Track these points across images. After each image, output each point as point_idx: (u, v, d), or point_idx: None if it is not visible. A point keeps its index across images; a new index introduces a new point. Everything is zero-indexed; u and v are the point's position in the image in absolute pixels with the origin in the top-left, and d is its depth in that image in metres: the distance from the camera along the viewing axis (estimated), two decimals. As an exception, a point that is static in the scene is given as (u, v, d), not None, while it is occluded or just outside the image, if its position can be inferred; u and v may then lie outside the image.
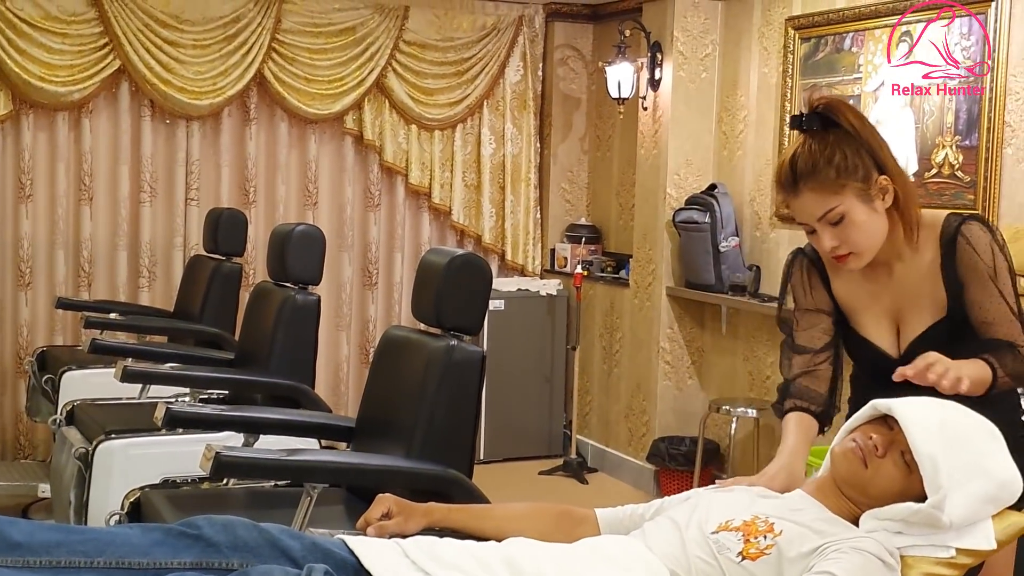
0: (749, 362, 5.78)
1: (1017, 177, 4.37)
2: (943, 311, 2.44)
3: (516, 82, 6.86)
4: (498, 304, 6.57)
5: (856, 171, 2.34)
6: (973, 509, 2.11)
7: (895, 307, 2.50)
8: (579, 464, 6.49)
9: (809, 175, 2.35)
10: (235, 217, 5.51)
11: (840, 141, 2.35)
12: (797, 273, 2.65)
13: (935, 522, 2.09)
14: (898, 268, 2.47)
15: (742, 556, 2.05)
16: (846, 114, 2.38)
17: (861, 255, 2.41)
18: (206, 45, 6.11)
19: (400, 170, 6.64)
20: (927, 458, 2.10)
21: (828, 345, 2.58)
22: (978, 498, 2.12)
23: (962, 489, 2.09)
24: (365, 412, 3.43)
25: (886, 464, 2.16)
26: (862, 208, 2.36)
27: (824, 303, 2.59)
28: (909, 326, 2.48)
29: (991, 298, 2.40)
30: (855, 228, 2.36)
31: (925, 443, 2.11)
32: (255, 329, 4.45)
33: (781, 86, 5.52)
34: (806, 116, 2.40)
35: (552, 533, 2.26)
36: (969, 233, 2.40)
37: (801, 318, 2.61)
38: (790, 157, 2.39)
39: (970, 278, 2.40)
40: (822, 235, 2.39)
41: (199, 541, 1.99)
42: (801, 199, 2.38)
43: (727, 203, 5.72)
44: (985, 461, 2.14)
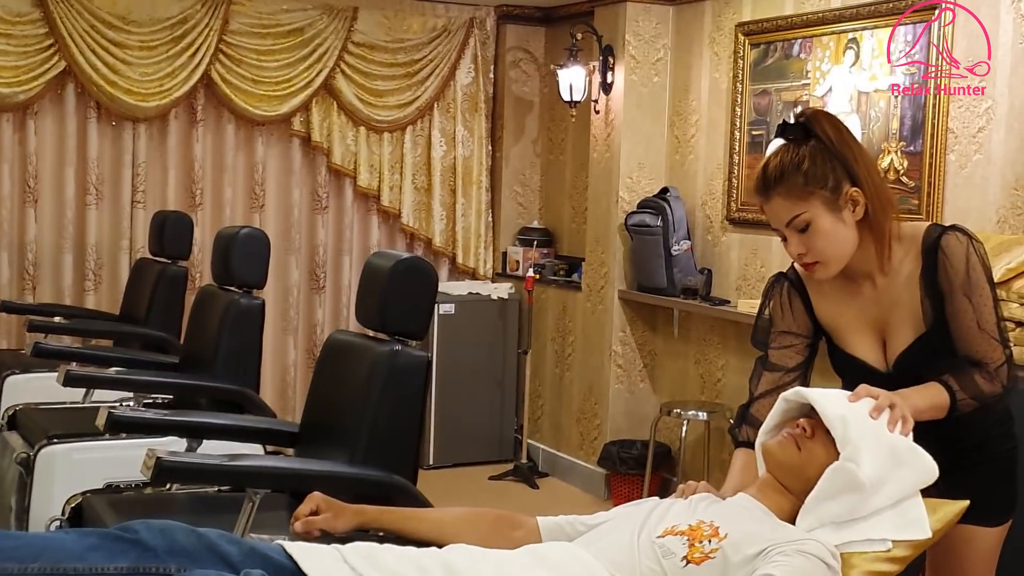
0: (700, 365, 5.79)
1: (960, 183, 4.41)
2: (926, 325, 2.44)
3: (467, 84, 6.84)
4: (449, 308, 6.55)
5: (825, 180, 2.35)
6: (885, 464, 2.17)
7: (880, 321, 2.50)
8: (530, 469, 6.47)
9: (779, 181, 2.37)
10: (181, 220, 5.46)
11: (814, 151, 2.37)
12: (777, 296, 2.65)
13: (853, 479, 2.15)
14: (881, 282, 2.48)
15: (687, 560, 2.06)
16: (823, 124, 2.40)
17: (827, 265, 2.42)
18: (153, 46, 6.06)
19: (349, 172, 6.60)
20: (837, 420, 2.22)
21: (800, 366, 2.59)
22: (888, 452, 2.19)
23: (871, 442, 2.19)
24: (309, 417, 3.40)
25: (816, 445, 2.24)
26: (828, 217, 2.37)
27: (802, 327, 2.60)
28: (895, 340, 2.48)
29: (963, 312, 2.40)
30: (820, 236, 2.37)
31: (833, 407, 2.24)
32: (200, 333, 4.41)
33: (732, 91, 5.55)
34: (788, 126, 2.42)
35: (488, 537, 2.25)
36: (946, 245, 2.40)
37: (777, 338, 2.62)
38: (764, 163, 2.42)
39: (947, 290, 2.40)
40: (790, 241, 2.41)
41: (136, 546, 1.97)
42: (771, 204, 2.41)
43: (679, 207, 5.73)
44: (891, 435, 2.23)
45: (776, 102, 5.29)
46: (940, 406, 2.37)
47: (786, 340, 2.60)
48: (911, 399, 2.32)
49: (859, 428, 2.20)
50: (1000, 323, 2.43)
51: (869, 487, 2.16)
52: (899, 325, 2.47)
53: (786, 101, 5.23)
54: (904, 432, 2.25)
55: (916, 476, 2.22)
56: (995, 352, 2.40)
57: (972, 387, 2.39)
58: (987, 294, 2.39)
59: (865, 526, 2.17)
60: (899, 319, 2.47)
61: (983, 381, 2.40)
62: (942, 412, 2.38)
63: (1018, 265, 3.85)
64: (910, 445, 2.23)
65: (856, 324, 2.53)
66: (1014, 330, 3.79)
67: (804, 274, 2.57)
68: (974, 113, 4.33)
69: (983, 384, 2.40)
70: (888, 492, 2.19)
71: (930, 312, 2.43)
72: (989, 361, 2.40)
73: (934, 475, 2.24)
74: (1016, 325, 3.79)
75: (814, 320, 2.60)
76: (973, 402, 2.40)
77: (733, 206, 5.56)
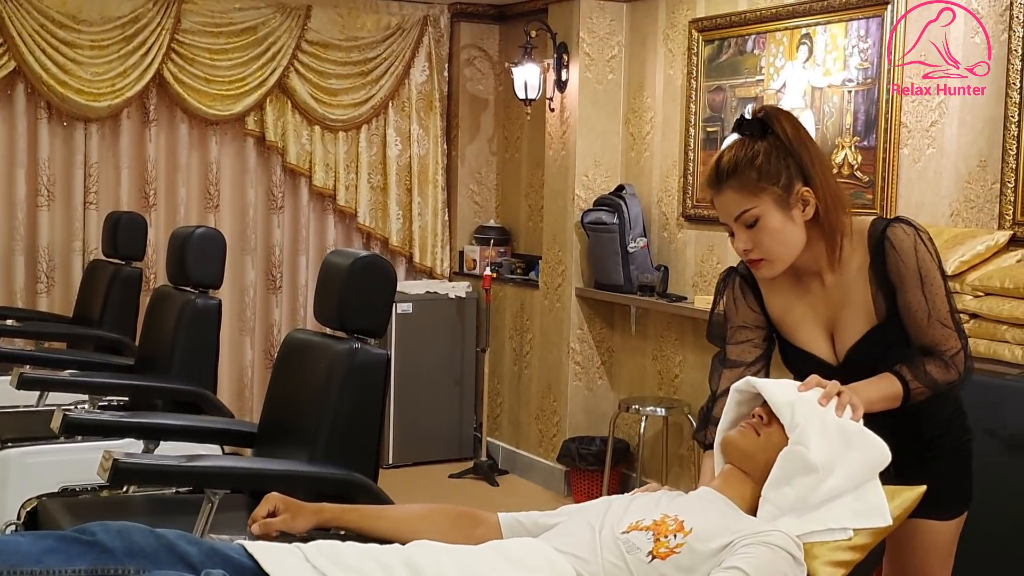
0: (658, 361, 5.81)
1: (913, 177, 4.45)
2: (878, 317, 2.45)
3: (422, 83, 6.82)
4: (406, 307, 6.53)
5: (777, 177, 2.35)
6: (834, 446, 2.20)
7: (829, 317, 2.51)
8: (489, 466, 6.47)
9: (731, 174, 2.37)
10: (135, 220, 5.40)
11: (769, 147, 2.37)
12: (730, 290, 2.65)
13: (803, 461, 2.19)
14: (829, 278, 2.48)
15: (652, 555, 2.05)
16: (781, 121, 2.40)
17: (773, 263, 2.42)
18: (104, 46, 5.99)
19: (304, 172, 6.57)
20: (785, 406, 2.27)
21: (759, 359, 2.60)
22: (837, 435, 2.22)
23: (818, 425, 2.22)
24: (268, 417, 3.37)
25: (774, 431, 2.28)
26: (778, 215, 2.37)
27: (756, 320, 2.60)
28: (844, 334, 2.49)
29: (916, 303, 2.40)
30: (768, 234, 2.37)
31: (782, 395, 2.30)
32: (155, 334, 4.37)
33: (686, 87, 5.57)
34: (745, 120, 2.42)
35: (450, 533, 2.24)
36: (893, 236, 2.41)
37: (733, 334, 2.62)
38: (718, 156, 2.42)
39: (898, 282, 2.41)
40: (738, 236, 2.41)
41: (93, 547, 1.94)
42: (722, 197, 2.40)
43: (635, 204, 5.75)
44: (839, 419, 2.27)
45: (730, 98, 5.32)
46: (893, 396, 2.39)
47: (743, 335, 2.60)
48: (861, 390, 2.34)
49: (805, 412, 2.24)
50: (954, 310, 2.44)
51: (821, 469, 2.18)
52: (849, 319, 2.48)
53: (740, 97, 5.25)
54: (854, 418, 2.27)
55: (867, 457, 2.24)
56: (951, 340, 2.42)
57: (925, 376, 2.40)
58: (939, 283, 2.41)
59: (826, 515, 2.18)
60: (849, 314, 2.48)
61: (937, 369, 2.41)
62: (896, 402, 2.39)
63: (972, 258, 3.89)
64: (859, 428, 2.26)
65: (805, 319, 2.54)
66: (968, 322, 3.83)
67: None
68: (927, 107, 4.36)
69: (937, 372, 2.41)
70: (841, 474, 2.20)
71: (883, 305, 2.44)
72: (945, 349, 2.41)
73: (886, 457, 2.26)
74: (970, 317, 3.83)
75: (766, 314, 2.60)
76: (927, 390, 2.41)
77: (689, 203, 5.58)
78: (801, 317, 2.54)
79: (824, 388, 2.30)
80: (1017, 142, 3.99)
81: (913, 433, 2.48)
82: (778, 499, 2.21)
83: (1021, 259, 3.92)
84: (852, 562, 2.18)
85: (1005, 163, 4.03)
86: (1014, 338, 3.69)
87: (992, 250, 3.93)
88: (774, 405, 2.29)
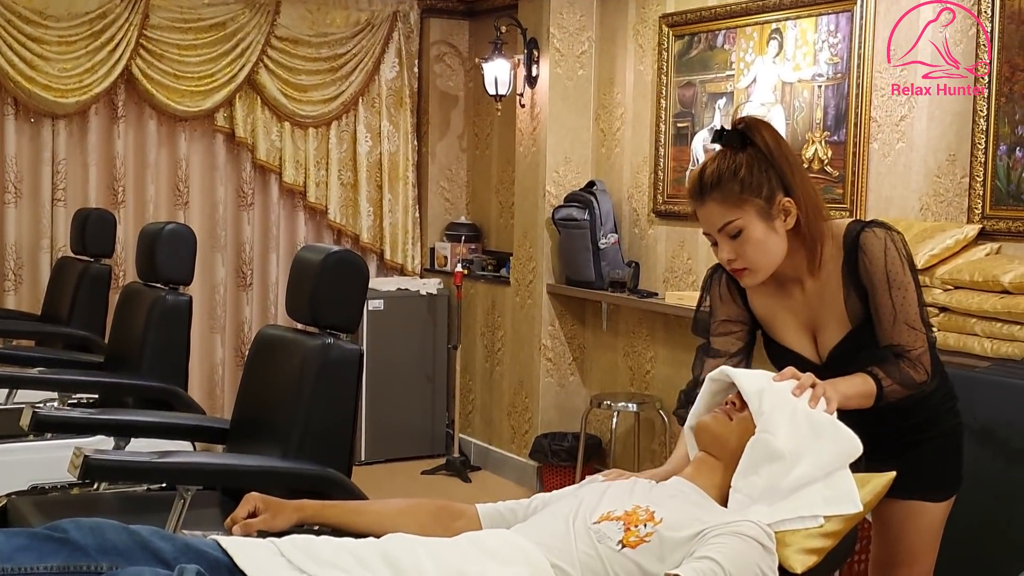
0: (629, 357, 5.82)
1: (883, 171, 4.47)
2: (855, 320, 2.49)
3: (392, 79, 6.81)
4: (377, 304, 6.52)
5: (760, 189, 2.39)
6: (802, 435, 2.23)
7: (810, 321, 2.56)
8: (462, 463, 6.46)
9: (714, 186, 2.40)
10: (103, 217, 5.37)
11: (751, 159, 2.40)
12: (716, 286, 2.69)
13: (770, 449, 2.22)
14: (810, 285, 2.53)
15: (622, 544, 2.07)
16: (762, 133, 2.44)
17: (756, 272, 2.47)
18: (71, 41, 5.95)
19: (274, 168, 6.54)
20: (754, 394, 2.30)
21: (741, 351, 2.64)
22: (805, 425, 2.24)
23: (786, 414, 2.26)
24: (240, 413, 3.36)
25: (747, 418, 2.31)
26: (761, 226, 2.41)
27: (741, 315, 2.65)
28: (825, 337, 2.54)
29: (884, 306, 2.45)
30: (751, 244, 2.41)
31: (752, 384, 2.33)
32: (125, 331, 4.34)
33: (657, 83, 5.57)
34: (726, 132, 2.46)
35: (429, 527, 2.24)
36: (864, 242, 2.45)
37: (718, 326, 2.67)
38: (701, 168, 2.45)
39: (868, 285, 2.46)
40: (721, 246, 2.45)
41: (66, 545, 1.92)
42: (705, 208, 2.44)
43: (606, 200, 5.75)
44: (810, 410, 2.29)
45: (701, 94, 5.33)
46: (867, 394, 2.43)
47: (727, 327, 2.66)
48: (837, 385, 2.38)
49: (773, 401, 2.27)
50: (923, 312, 2.49)
51: (788, 456, 2.20)
52: (828, 322, 2.53)
53: (711, 92, 5.27)
54: (828, 411, 2.29)
55: (837, 447, 2.27)
56: (917, 341, 2.46)
57: (898, 375, 2.45)
58: (907, 285, 2.45)
59: (797, 503, 2.21)
60: (828, 317, 2.53)
61: (908, 369, 2.45)
62: (870, 400, 2.43)
63: (941, 251, 3.92)
64: (829, 419, 2.28)
65: (788, 323, 2.59)
66: (938, 315, 3.85)
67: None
68: (896, 102, 4.39)
69: (909, 372, 2.45)
70: (810, 462, 2.23)
71: (857, 308, 2.48)
72: (911, 350, 2.46)
73: (857, 448, 2.28)
74: (940, 310, 3.86)
75: (750, 311, 2.65)
76: (900, 389, 2.45)
77: (659, 199, 5.59)
78: (784, 320, 2.60)
79: (799, 380, 2.32)
80: (986, 136, 4.01)
81: (904, 416, 2.53)
82: (747, 488, 2.23)
83: (990, 252, 3.95)
84: (824, 549, 2.20)
85: (974, 157, 4.05)
86: (983, 331, 3.71)
87: (961, 244, 3.95)
88: (744, 392, 2.32)
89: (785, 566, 2.14)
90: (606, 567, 2.05)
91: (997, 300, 3.66)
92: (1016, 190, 3.94)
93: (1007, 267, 3.70)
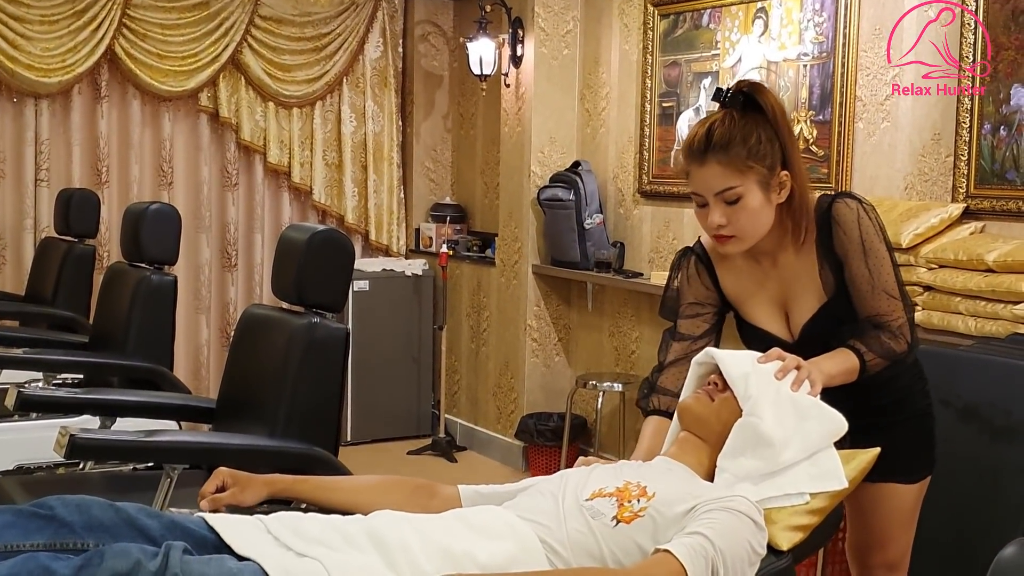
0: (615, 338, 5.83)
1: (868, 151, 4.48)
2: (827, 293, 2.48)
3: (376, 59, 6.78)
4: (363, 285, 6.51)
5: (765, 158, 2.36)
6: (788, 418, 2.23)
7: (781, 295, 2.54)
8: (448, 443, 6.47)
9: (721, 148, 2.34)
10: (87, 198, 5.35)
11: (759, 124, 2.36)
12: (685, 269, 2.67)
13: (757, 432, 2.21)
14: (782, 258, 2.51)
15: (617, 520, 2.06)
16: (768, 99, 2.39)
17: (742, 241, 2.43)
18: (54, 21, 5.90)
19: (258, 149, 6.52)
20: (739, 377, 2.29)
21: (707, 333, 2.62)
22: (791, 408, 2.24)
23: (771, 397, 2.25)
24: (226, 392, 3.35)
25: (729, 398, 2.30)
26: (759, 196, 2.37)
27: (710, 297, 2.63)
28: (797, 312, 2.52)
29: (861, 276, 2.44)
30: (746, 213, 2.37)
31: (736, 367, 2.32)
32: (110, 311, 4.33)
33: (642, 63, 5.57)
34: (731, 92, 2.40)
35: (405, 504, 2.22)
36: (837, 213, 2.44)
37: (686, 309, 2.64)
38: (708, 125, 2.37)
39: (843, 256, 2.44)
40: (713, 210, 2.39)
41: (52, 522, 1.91)
42: (706, 169, 2.37)
43: (591, 180, 5.75)
44: (794, 393, 2.29)
45: (686, 73, 5.32)
46: (850, 370, 2.42)
47: (693, 310, 2.64)
48: (821, 365, 2.36)
49: (759, 385, 2.27)
50: (899, 281, 2.48)
51: (777, 442, 2.20)
52: (801, 297, 2.51)
53: (696, 72, 5.26)
54: (812, 393, 2.29)
55: (823, 428, 2.27)
56: (896, 310, 2.45)
57: (879, 347, 2.44)
58: (883, 255, 2.44)
59: (782, 480, 2.21)
60: (801, 291, 2.51)
61: (888, 340, 2.44)
62: (853, 375, 2.42)
63: (926, 230, 3.93)
64: (814, 401, 2.28)
65: (759, 298, 2.57)
66: (922, 294, 3.87)
67: (711, 248, 2.59)
68: (881, 81, 4.39)
69: (889, 343, 2.44)
70: (797, 446, 2.23)
71: (830, 280, 2.47)
72: (892, 320, 2.45)
73: (843, 427, 2.28)
74: (924, 289, 3.87)
75: (720, 292, 2.63)
76: (882, 361, 2.44)
77: (645, 179, 5.59)
78: (755, 296, 2.57)
79: (783, 361, 2.31)
80: (970, 115, 4.02)
81: (874, 397, 2.52)
82: (733, 467, 2.23)
83: (974, 231, 3.97)
84: (810, 526, 2.20)
85: (959, 136, 4.06)
86: (967, 310, 3.73)
87: (946, 223, 3.96)
88: (729, 376, 2.31)
89: (771, 543, 2.15)
90: (600, 544, 2.04)
91: (981, 279, 3.67)
92: (1000, 169, 3.95)
93: (991, 246, 3.72)
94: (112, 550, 1.81)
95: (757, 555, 2.04)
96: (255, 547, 1.94)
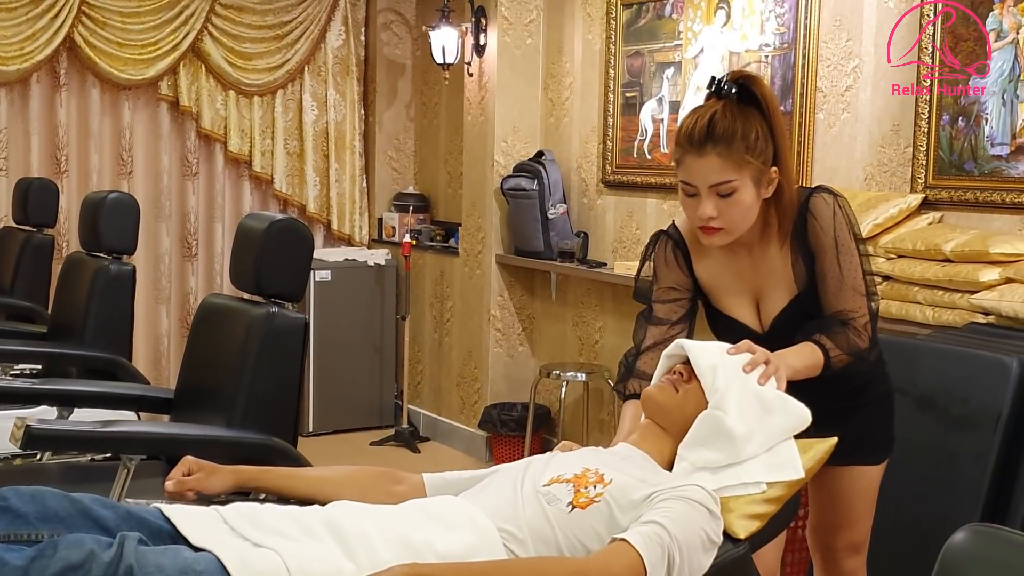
0: (578, 327, 5.84)
1: (828, 141, 4.50)
2: (799, 286, 2.49)
3: (338, 47, 6.75)
4: (325, 275, 6.49)
5: (761, 154, 2.36)
6: (753, 412, 2.23)
7: (755, 286, 2.55)
8: (411, 433, 6.46)
9: (722, 141, 2.33)
10: (46, 187, 5.31)
11: (757, 119, 2.36)
12: (660, 253, 2.66)
13: (720, 426, 2.21)
14: (757, 249, 2.52)
15: (572, 506, 2.06)
16: (765, 91, 2.39)
17: (729, 233, 2.43)
18: (12, 8, 5.85)
19: (219, 137, 6.48)
20: (707, 369, 2.28)
21: (683, 318, 2.62)
22: (756, 401, 2.25)
23: (737, 391, 2.25)
24: (184, 383, 3.34)
25: (693, 389, 2.30)
26: (753, 191, 2.38)
27: (684, 282, 2.63)
28: (769, 303, 2.53)
29: (830, 270, 2.45)
30: (738, 207, 2.38)
31: (706, 358, 2.31)
32: (68, 301, 4.30)
33: (605, 53, 5.56)
34: (726, 82, 2.39)
35: (370, 493, 2.23)
36: (813, 207, 2.45)
37: (661, 293, 2.64)
38: (710, 116, 2.35)
39: (816, 250, 2.46)
40: (705, 202, 2.38)
41: (6, 512, 1.90)
42: (704, 161, 2.35)
43: (555, 170, 5.75)
44: (760, 387, 2.29)
45: (649, 63, 5.33)
46: (815, 365, 2.43)
47: (670, 294, 2.63)
48: (787, 359, 2.37)
49: (726, 378, 2.26)
50: (867, 279, 2.49)
51: (739, 438, 2.21)
52: (774, 288, 2.53)
53: (659, 62, 5.27)
54: (778, 388, 2.30)
55: (786, 422, 2.28)
56: (861, 308, 2.47)
57: (844, 343, 2.46)
58: (853, 251, 2.46)
59: (739, 470, 2.22)
60: (774, 283, 2.52)
61: (853, 336, 2.47)
62: (817, 370, 2.44)
63: (884, 221, 3.95)
64: (779, 395, 2.29)
65: (732, 287, 2.58)
66: (881, 284, 3.89)
67: (688, 234, 2.60)
68: (841, 72, 4.41)
69: (855, 339, 2.47)
70: (760, 440, 2.24)
71: (803, 273, 2.49)
72: (856, 316, 2.47)
73: (806, 420, 2.29)
74: (883, 279, 3.90)
75: (694, 279, 2.64)
76: (846, 357, 2.46)
77: (608, 169, 5.59)
78: (728, 285, 2.58)
79: (753, 355, 2.32)
80: (929, 106, 4.05)
81: (839, 382, 2.53)
82: (692, 456, 2.24)
83: (932, 222, 4.00)
84: (767, 514, 2.21)
85: (917, 127, 4.09)
86: (925, 299, 3.75)
87: (904, 213, 3.99)
88: (697, 367, 2.30)
89: (728, 531, 2.16)
90: (554, 530, 2.04)
91: (939, 268, 3.70)
92: (959, 160, 3.98)
93: (949, 236, 3.74)
94: (66, 540, 1.79)
95: (712, 543, 2.05)
96: (211, 537, 1.93)
